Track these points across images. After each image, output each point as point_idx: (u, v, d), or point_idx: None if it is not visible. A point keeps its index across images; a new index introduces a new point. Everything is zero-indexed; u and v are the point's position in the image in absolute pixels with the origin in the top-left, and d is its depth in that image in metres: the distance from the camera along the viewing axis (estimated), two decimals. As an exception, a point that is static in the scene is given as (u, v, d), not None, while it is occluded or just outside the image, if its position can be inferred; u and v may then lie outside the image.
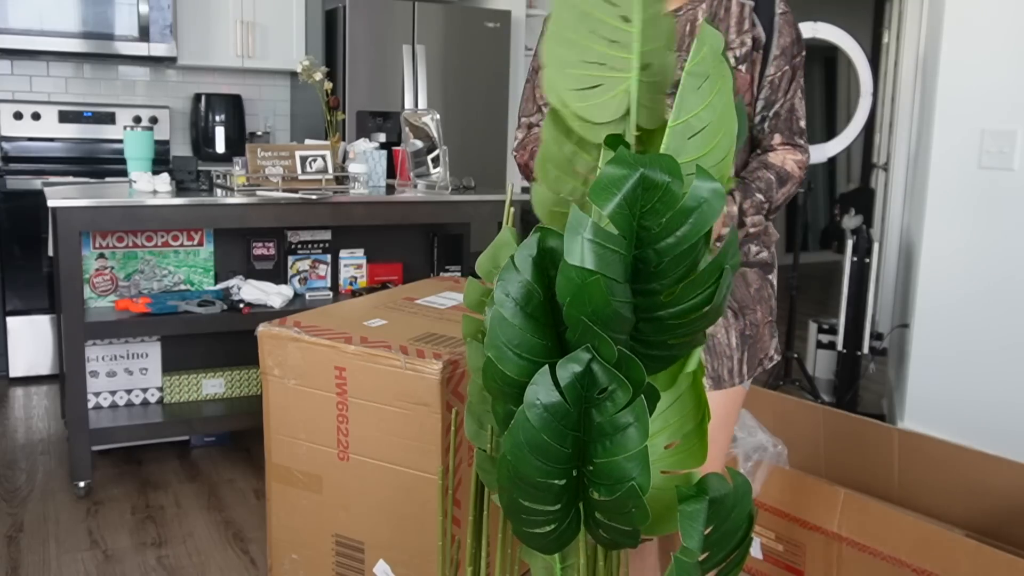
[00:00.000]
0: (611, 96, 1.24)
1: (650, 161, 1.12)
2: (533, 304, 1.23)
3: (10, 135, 4.49)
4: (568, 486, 1.24)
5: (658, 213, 1.13)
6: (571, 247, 1.13)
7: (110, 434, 3.00)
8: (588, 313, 1.15)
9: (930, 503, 2.43)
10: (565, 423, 1.20)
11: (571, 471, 1.24)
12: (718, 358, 1.64)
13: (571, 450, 1.22)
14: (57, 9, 4.21)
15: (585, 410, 1.20)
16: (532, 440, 1.19)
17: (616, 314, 1.15)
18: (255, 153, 3.14)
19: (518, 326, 1.23)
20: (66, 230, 2.76)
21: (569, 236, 1.13)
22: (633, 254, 1.15)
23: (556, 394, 1.18)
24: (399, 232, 3.56)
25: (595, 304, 1.14)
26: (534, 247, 1.22)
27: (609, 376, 1.17)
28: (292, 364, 2.06)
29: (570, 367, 1.17)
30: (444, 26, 4.57)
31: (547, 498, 1.24)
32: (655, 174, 1.11)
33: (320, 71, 3.34)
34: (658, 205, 1.12)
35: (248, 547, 2.63)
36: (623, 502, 1.20)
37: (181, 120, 4.94)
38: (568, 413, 1.19)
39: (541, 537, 1.31)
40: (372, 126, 4.47)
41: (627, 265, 1.15)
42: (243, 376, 3.33)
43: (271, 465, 2.15)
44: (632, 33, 1.22)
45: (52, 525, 2.73)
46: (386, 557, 2.04)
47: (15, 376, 4.14)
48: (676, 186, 1.12)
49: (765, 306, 1.68)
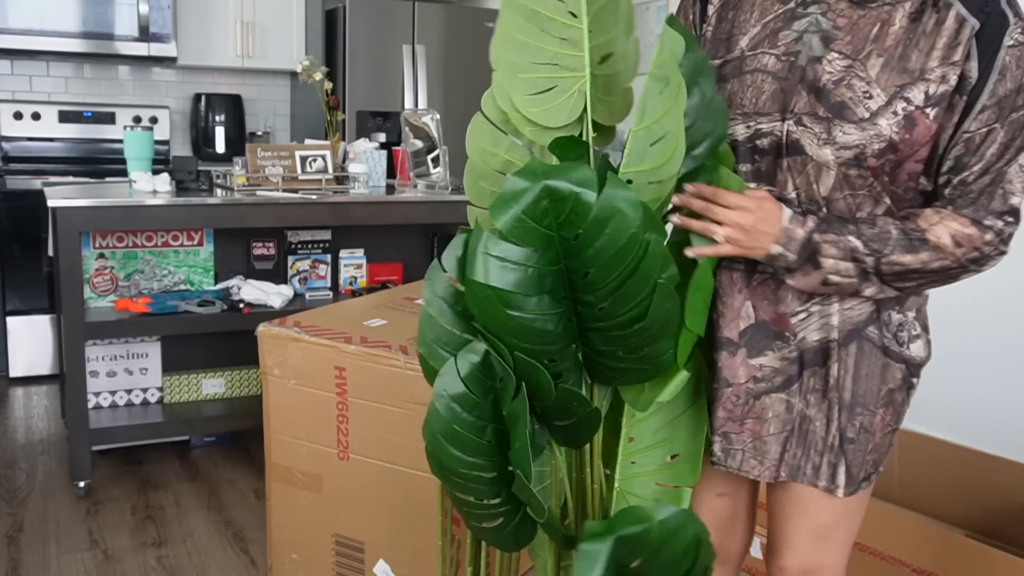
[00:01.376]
0: (566, 98, 1.19)
1: (557, 171, 1.09)
2: (462, 304, 1.23)
3: (10, 135, 4.49)
4: (504, 481, 1.24)
5: (573, 224, 1.10)
6: (472, 263, 1.12)
7: (110, 434, 3.00)
8: (491, 326, 1.15)
9: (930, 503, 2.43)
10: (478, 414, 1.20)
11: (504, 465, 1.23)
12: (804, 446, 1.33)
13: (493, 442, 1.22)
14: (57, 9, 4.21)
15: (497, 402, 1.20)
16: (444, 430, 1.20)
17: (523, 327, 1.14)
18: (255, 153, 3.14)
19: (446, 324, 1.24)
20: (66, 230, 2.76)
21: (471, 253, 1.13)
22: (563, 265, 1.13)
23: (460, 384, 1.19)
24: (399, 232, 3.56)
25: (495, 318, 1.14)
26: (460, 248, 1.22)
27: (501, 367, 1.17)
28: (292, 364, 2.06)
29: (468, 357, 1.19)
30: (444, 26, 4.57)
31: (482, 491, 1.24)
32: (560, 184, 1.08)
33: (320, 71, 3.34)
34: (571, 216, 1.10)
35: (248, 547, 2.63)
36: (520, 492, 1.19)
37: (181, 120, 4.94)
38: (477, 404, 1.20)
39: (493, 532, 1.30)
40: (372, 126, 4.47)
41: (544, 277, 1.13)
42: (243, 376, 3.33)
43: (271, 465, 2.15)
44: (581, 29, 1.17)
45: (52, 525, 2.73)
46: (386, 557, 2.04)
47: (15, 376, 4.14)
48: (586, 196, 1.09)
49: (892, 412, 1.34)
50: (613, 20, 1.19)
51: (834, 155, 1.22)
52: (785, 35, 1.26)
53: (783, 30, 1.26)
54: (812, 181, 1.25)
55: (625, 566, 1.19)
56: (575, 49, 1.18)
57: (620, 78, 1.21)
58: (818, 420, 1.32)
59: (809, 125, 1.23)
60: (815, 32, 1.24)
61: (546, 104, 1.19)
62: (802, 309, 1.30)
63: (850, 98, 1.20)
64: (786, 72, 1.25)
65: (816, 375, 1.32)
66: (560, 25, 1.17)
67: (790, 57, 1.24)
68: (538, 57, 1.18)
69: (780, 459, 1.35)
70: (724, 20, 1.33)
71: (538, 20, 1.17)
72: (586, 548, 1.15)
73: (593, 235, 1.10)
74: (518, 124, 1.21)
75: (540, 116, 1.20)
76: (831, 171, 1.23)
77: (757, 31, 1.29)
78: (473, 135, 1.27)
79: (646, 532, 1.16)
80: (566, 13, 1.17)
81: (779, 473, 1.35)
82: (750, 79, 1.28)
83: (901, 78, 1.19)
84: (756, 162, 1.29)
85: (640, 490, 1.31)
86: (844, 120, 1.21)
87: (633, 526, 1.16)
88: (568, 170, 1.09)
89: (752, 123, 1.28)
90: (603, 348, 1.18)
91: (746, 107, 1.28)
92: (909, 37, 1.20)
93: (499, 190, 1.28)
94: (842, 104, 1.21)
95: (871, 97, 1.20)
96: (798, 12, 1.26)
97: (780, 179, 1.27)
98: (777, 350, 1.32)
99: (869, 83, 1.20)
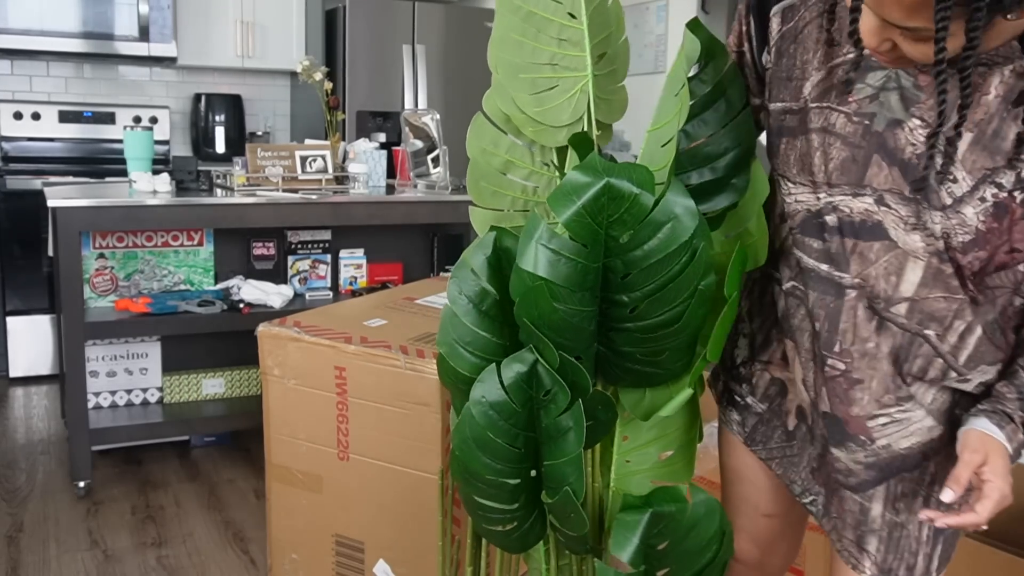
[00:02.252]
0: (568, 97, 1.19)
1: (619, 170, 1.08)
2: (488, 303, 1.22)
3: (10, 135, 4.49)
4: (524, 487, 1.23)
5: (625, 224, 1.09)
6: (524, 251, 1.10)
7: (110, 434, 3.00)
8: (534, 317, 1.13)
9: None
10: (513, 422, 1.18)
11: (527, 472, 1.22)
12: (897, 553, 1.18)
13: (523, 450, 1.20)
14: (57, 9, 4.21)
15: (535, 411, 1.19)
16: (478, 437, 1.18)
17: (564, 321, 1.13)
18: (255, 153, 3.14)
19: (470, 324, 1.22)
20: (66, 230, 2.76)
21: (524, 240, 1.11)
22: (602, 263, 1.12)
23: (502, 392, 1.17)
24: (399, 232, 3.56)
25: (540, 309, 1.12)
26: (490, 247, 1.21)
27: (551, 379, 1.15)
28: (292, 364, 2.06)
29: (514, 367, 1.17)
30: (444, 26, 4.58)
31: (502, 496, 1.23)
32: (622, 184, 1.07)
33: (320, 71, 3.34)
34: (625, 216, 1.08)
35: (248, 547, 2.63)
36: (563, 506, 1.18)
37: (181, 120, 4.94)
38: (515, 412, 1.18)
39: (503, 536, 1.29)
40: (372, 126, 4.47)
41: (588, 274, 1.12)
42: (243, 376, 3.33)
43: (271, 465, 2.15)
44: (581, 30, 1.17)
45: (52, 525, 2.73)
46: (386, 557, 2.04)
47: (15, 376, 4.14)
48: (645, 198, 1.08)
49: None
50: (605, 20, 1.20)
51: (924, 242, 1.03)
52: (859, 89, 1.05)
53: (856, 82, 1.05)
54: (893, 272, 1.06)
55: (652, 547, 1.19)
56: (575, 49, 1.18)
57: (614, 77, 1.22)
58: (911, 523, 1.16)
59: (894, 206, 1.04)
60: (893, 89, 1.03)
61: (549, 103, 1.19)
62: (881, 413, 1.13)
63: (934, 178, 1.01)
64: (859, 139, 1.04)
65: (904, 480, 1.16)
66: (558, 26, 1.18)
67: (863, 120, 1.03)
68: (537, 58, 1.19)
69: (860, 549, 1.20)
70: (784, 54, 1.13)
71: (535, 21, 1.18)
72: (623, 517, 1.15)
73: (644, 236, 1.09)
74: (520, 124, 1.21)
75: (543, 115, 1.20)
76: (919, 262, 1.05)
77: (822, 76, 1.08)
78: (474, 135, 1.27)
79: (680, 512, 1.17)
80: (564, 14, 1.17)
81: (862, 565, 1.20)
82: (817, 140, 1.08)
83: (993, 160, 0.98)
84: (826, 241, 1.10)
85: (637, 489, 1.31)
86: (930, 205, 1.02)
87: (669, 504, 1.17)
88: (629, 170, 1.08)
89: (823, 194, 1.09)
90: (625, 349, 1.18)
91: (815, 174, 1.09)
92: (1007, 109, 0.97)
93: (499, 190, 1.28)
94: (930, 187, 1.01)
95: (955, 181, 1.00)
96: (872, 61, 1.03)
97: (853, 267, 1.09)
98: (849, 451, 1.16)
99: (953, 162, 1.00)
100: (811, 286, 1.13)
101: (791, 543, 1.45)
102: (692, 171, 1.21)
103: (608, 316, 1.16)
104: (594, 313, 1.15)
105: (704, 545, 1.18)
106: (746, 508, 1.41)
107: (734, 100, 1.19)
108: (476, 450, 1.18)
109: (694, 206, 1.08)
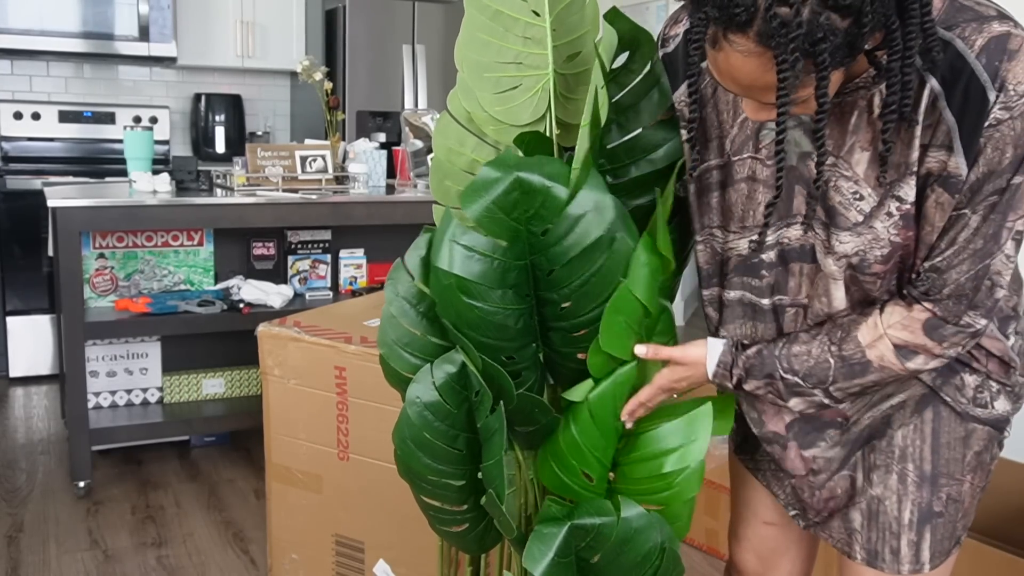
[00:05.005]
0: (530, 96, 1.18)
1: (529, 164, 1.06)
2: (425, 304, 1.20)
3: (10, 135, 4.49)
4: (472, 488, 1.21)
5: (542, 219, 1.08)
6: (438, 250, 1.09)
7: (110, 434, 3.00)
8: (452, 316, 1.12)
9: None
10: (450, 423, 1.17)
11: (474, 473, 1.21)
12: (878, 531, 1.21)
13: (465, 451, 1.19)
14: (57, 9, 4.21)
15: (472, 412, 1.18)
16: (415, 437, 1.18)
17: (482, 320, 1.11)
18: (255, 153, 3.14)
19: (408, 325, 1.21)
20: (66, 230, 2.76)
21: (438, 239, 1.10)
22: (528, 260, 1.10)
23: (435, 393, 1.16)
24: (399, 232, 3.56)
25: (456, 308, 1.11)
26: (424, 247, 1.19)
27: (477, 380, 1.15)
28: (292, 364, 2.06)
29: (445, 367, 1.16)
30: (444, 26, 4.57)
31: (449, 497, 1.22)
32: (532, 177, 1.06)
33: (320, 71, 3.34)
34: (541, 210, 1.07)
35: (248, 547, 2.63)
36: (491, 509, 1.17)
37: (181, 120, 4.94)
38: (450, 413, 1.17)
39: (458, 536, 1.28)
40: (372, 126, 4.47)
41: (509, 271, 1.10)
42: (243, 376, 3.33)
43: (271, 465, 2.15)
44: (544, 27, 1.16)
45: (52, 525, 2.73)
46: (386, 557, 2.04)
47: (15, 376, 4.14)
48: (558, 191, 1.07)
49: (981, 474, 1.21)
50: (579, 20, 1.18)
51: (835, 265, 1.09)
52: (765, 135, 1.12)
53: (761, 129, 1.12)
54: (823, 293, 1.12)
55: (586, 560, 1.17)
56: (539, 48, 1.17)
57: (581, 78, 1.20)
58: (888, 499, 1.19)
59: (818, 231, 1.10)
60: (795, 126, 1.09)
61: (510, 103, 1.18)
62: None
63: (839, 202, 1.06)
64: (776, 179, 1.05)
65: (876, 450, 1.20)
66: (524, 24, 1.17)
67: (779, 161, 1.01)
68: (502, 56, 1.18)
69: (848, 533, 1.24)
70: (705, 118, 1.18)
71: (502, 20, 1.17)
72: (541, 530, 1.13)
73: (562, 232, 1.08)
74: (482, 123, 1.19)
75: (504, 114, 1.18)
76: (838, 282, 1.10)
77: (735, 132, 1.15)
78: (440, 134, 1.25)
79: (607, 527, 1.14)
80: (529, 12, 1.16)
81: (853, 551, 1.24)
82: (746, 188, 1.15)
83: (889, 174, 1.03)
84: (764, 277, 1.16)
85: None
86: (838, 227, 1.07)
87: (592, 517, 1.15)
88: (541, 164, 1.07)
89: (754, 236, 1.15)
90: (563, 349, 1.17)
91: (746, 219, 1.16)
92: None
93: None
94: (833, 209, 1.07)
95: (862, 198, 1.05)
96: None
97: (792, 287, 1.15)
98: (831, 440, 1.21)
99: (857, 182, 1.05)
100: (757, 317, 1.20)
101: (795, 563, 1.43)
102: (630, 164, 1.21)
103: (544, 316, 1.15)
104: (521, 311, 1.13)
105: (641, 560, 1.16)
106: (748, 514, 1.42)
107: (667, 89, 1.18)
108: (416, 450, 1.18)
109: (610, 198, 1.08)
